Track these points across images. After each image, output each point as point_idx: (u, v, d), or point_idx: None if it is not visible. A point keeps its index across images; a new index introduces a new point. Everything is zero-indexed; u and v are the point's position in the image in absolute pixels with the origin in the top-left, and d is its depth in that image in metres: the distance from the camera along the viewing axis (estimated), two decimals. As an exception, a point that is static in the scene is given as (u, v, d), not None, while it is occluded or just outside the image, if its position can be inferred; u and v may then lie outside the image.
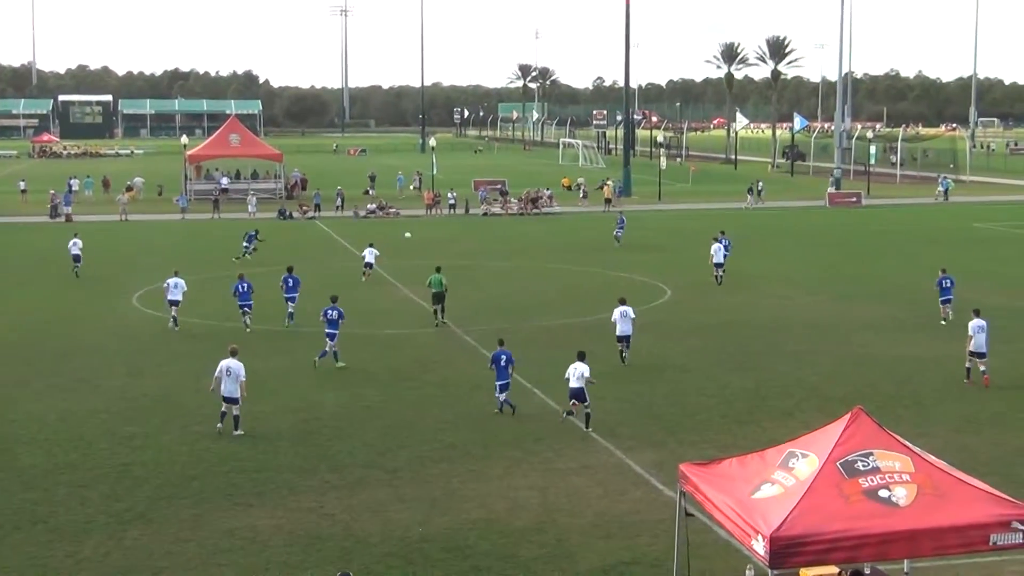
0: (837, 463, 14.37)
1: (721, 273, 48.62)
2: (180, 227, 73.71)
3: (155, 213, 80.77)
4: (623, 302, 33.89)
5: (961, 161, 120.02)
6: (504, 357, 28.19)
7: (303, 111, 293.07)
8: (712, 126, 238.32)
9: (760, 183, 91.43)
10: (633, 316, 33.65)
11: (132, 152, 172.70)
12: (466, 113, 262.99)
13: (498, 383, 28.32)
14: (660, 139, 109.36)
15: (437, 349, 36.11)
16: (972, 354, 31.08)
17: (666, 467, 23.39)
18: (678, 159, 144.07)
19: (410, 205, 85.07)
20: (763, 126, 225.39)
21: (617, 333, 33.63)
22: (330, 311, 33.18)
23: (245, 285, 38.49)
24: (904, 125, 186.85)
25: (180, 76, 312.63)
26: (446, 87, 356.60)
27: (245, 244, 55.95)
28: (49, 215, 76.79)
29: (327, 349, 33.24)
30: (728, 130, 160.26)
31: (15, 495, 22.38)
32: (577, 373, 26.88)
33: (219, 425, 26.48)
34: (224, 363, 26.36)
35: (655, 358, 34.61)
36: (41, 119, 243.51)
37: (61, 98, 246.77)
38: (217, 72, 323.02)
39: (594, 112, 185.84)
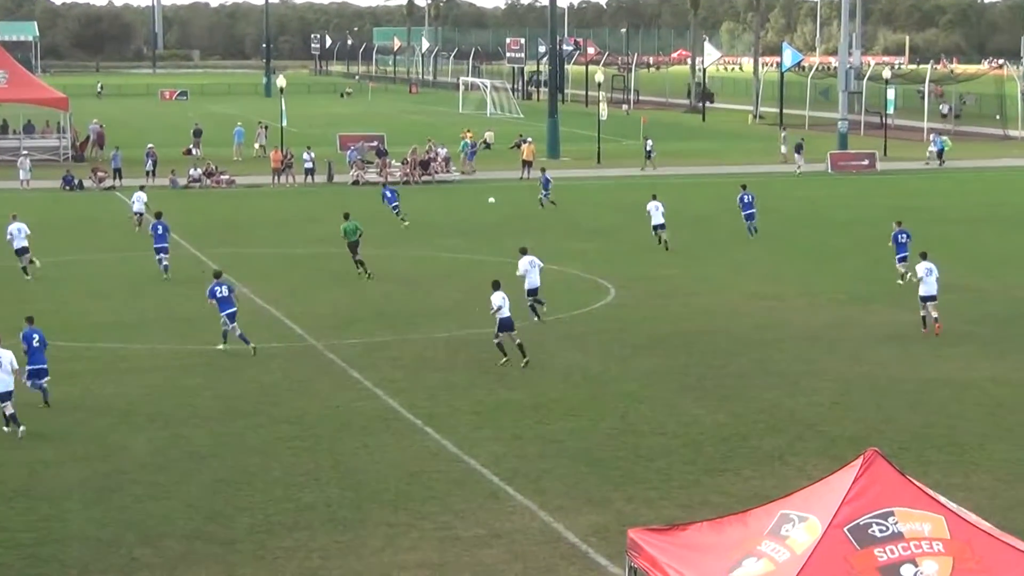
0: (845, 528, 14.55)
1: (665, 238, 53.83)
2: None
3: None
4: (525, 251, 40.69)
5: (1011, 111, 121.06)
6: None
7: (97, 37, 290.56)
8: (671, 61, 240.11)
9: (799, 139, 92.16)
10: (542, 265, 40.23)
11: None
12: (328, 41, 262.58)
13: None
14: (599, 79, 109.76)
15: (289, 372, 36.02)
16: (923, 299, 39.12)
17: (610, 534, 23.49)
18: (624, 106, 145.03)
19: (250, 170, 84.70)
20: (742, 61, 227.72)
21: (527, 287, 39.83)
22: (217, 288, 37.55)
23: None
24: (933, 61, 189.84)
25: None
26: (300, 5, 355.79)
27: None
28: None
29: (228, 328, 37.52)
30: (693, 66, 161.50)
31: None
32: (507, 303, 35.21)
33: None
34: None
35: (594, 383, 34.80)
36: None
37: None
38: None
39: (508, 41, 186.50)
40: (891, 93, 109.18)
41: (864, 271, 50.77)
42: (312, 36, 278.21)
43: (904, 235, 47.01)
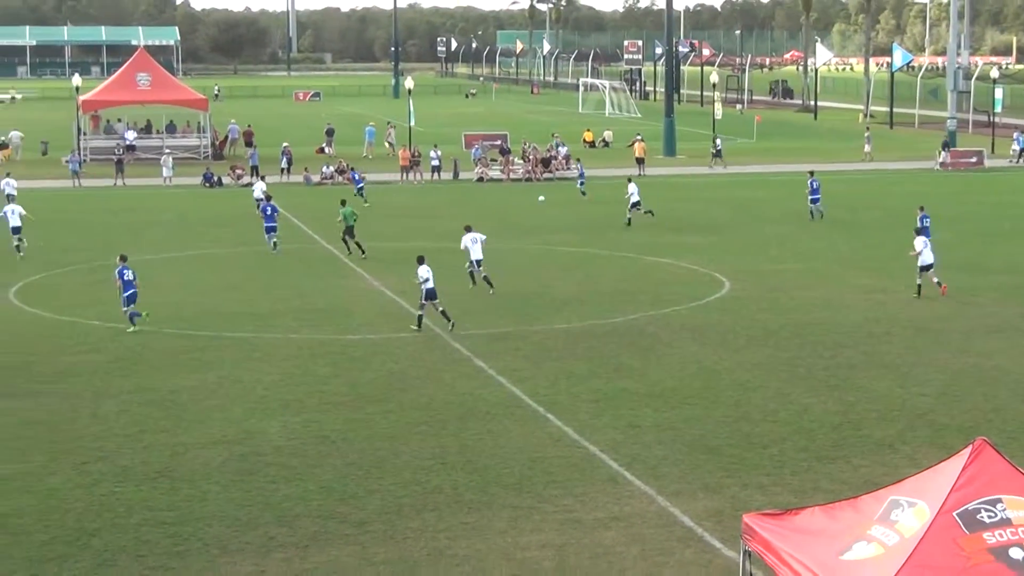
0: (954, 513, 14.40)
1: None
2: (70, 197, 73.84)
3: (37, 179, 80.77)
4: (469, 229, 45.43)
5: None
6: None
7: (235, 42, 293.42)
8: (783, 62, 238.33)
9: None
10: (484, 238, 45.15)
11: (13, 97, 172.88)
12: (454, 44, 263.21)
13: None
14: (714, 79, 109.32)
15: (417, 361, 36.18)
16: (922, 268, 43.69)
17: (725, 518, 23.44)
18: (738, 106, 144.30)
19: (380, 167, 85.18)
20: (852, 61, 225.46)
21: (472, 258, 44.89)
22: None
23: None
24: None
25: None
26: (427, 10, 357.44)
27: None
28: None
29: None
30: (805, 67, 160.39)
31: None
32: (432, 275, 38.30)
33: None
34: None
35: (708, 372, 34.69)
36: None
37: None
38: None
39: (626, 43, 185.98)
40: (999, 92, 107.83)
41: (969, 265, 50.18)
42: (438, 39, 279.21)
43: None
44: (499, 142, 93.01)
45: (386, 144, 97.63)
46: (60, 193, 75.38)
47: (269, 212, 53.27)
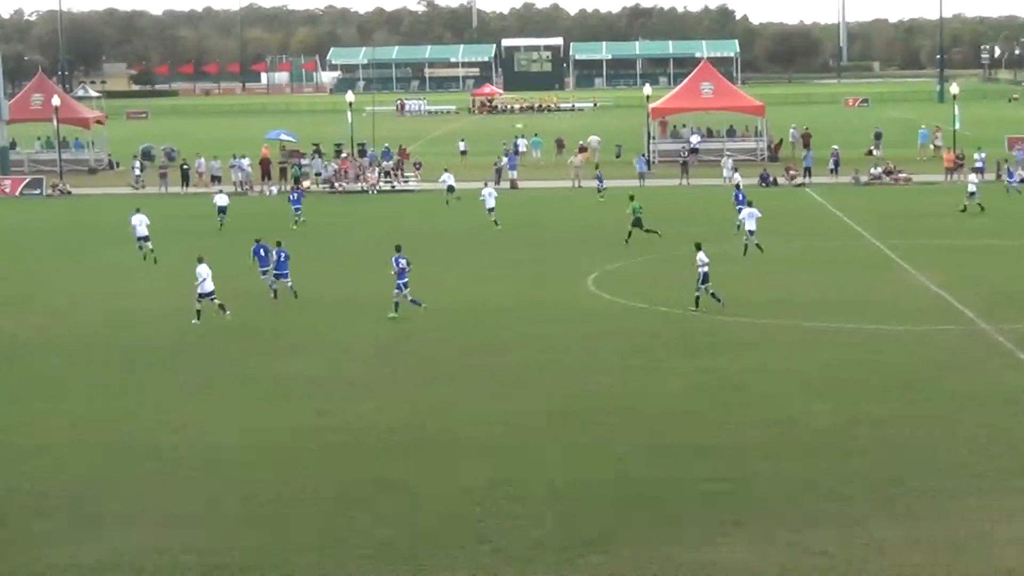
0: None
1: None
2: (639, 195, 75.23)
3: (610, 178, 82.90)
4: (750, 204, 51.18)
5: None
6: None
7: (789, 53, 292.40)
8: None
9: None
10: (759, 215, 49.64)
11: (595, 104, 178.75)
12: (997, 51, 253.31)
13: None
14: None
15: (959, 351, 35.05)
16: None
17: None
18: None
19: (924, 169, 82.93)
20: None
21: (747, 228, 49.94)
22: (399, 259, 40.53)
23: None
24: None
25: (641, 13, 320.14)
26: (971, 19, 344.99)
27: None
28: (495, 181, 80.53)
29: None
30: None
31: (455, 507, 23.65)
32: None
33: None
34: None
35: None
36: (482, 68, 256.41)
37: (505, 43, 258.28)
38: (685, 8, 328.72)
39: None
40: None
41: None
42: (982, 47, 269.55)
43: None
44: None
45: (931, 146, 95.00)
46: (631, 192, 76.92)
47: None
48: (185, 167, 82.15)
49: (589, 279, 46.67)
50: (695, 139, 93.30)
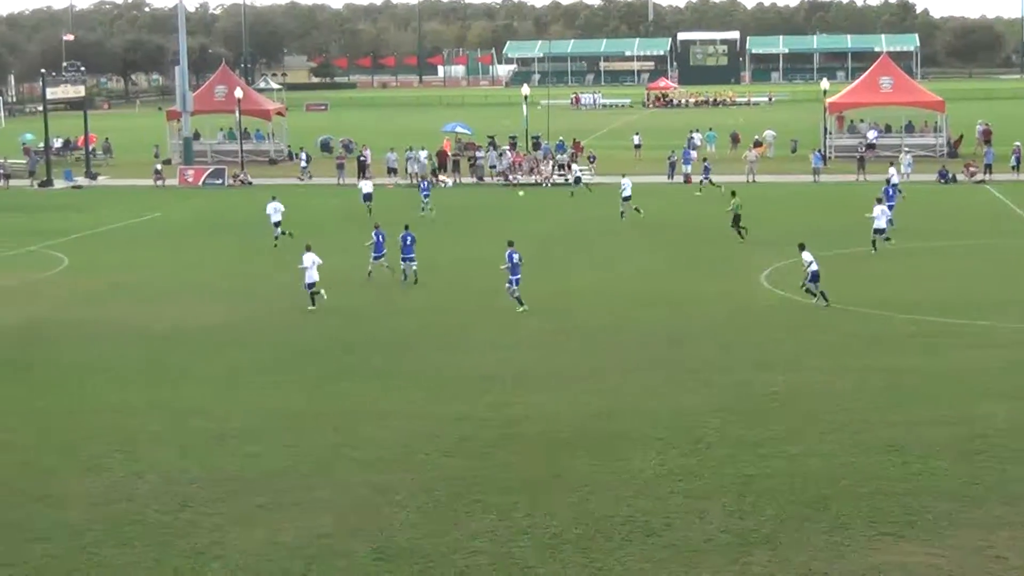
0: None
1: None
2: (810, 191, 74.53)
3: (785, 173, 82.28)
4: (879, 201, 50.44)
5: None
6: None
7: (970, 47, 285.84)
8: None
9: None
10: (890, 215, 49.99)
11: (770, 98, 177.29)
12: None
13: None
14: None
15: None
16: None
17: None
18: None
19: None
20: None
21: (875, 227, 49.42)
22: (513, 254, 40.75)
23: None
24: None
25: (819, 7, 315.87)
26: None
27: None
28: (667, 175, 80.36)
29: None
30: None
31: (625, 501, 23.70)
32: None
33: None
34: None
35: None
36: (657, 62, 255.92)
37: (680, 36, 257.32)
38: (864, 1, 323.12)
39: None
40: None
41: None
42: None
43: None
44: None
45: None
46: (803, 188, 76.28)
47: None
48: (362, 158, 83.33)
49: (762, 275, 46.38)
50: (872, 135, 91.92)
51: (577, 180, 73.98)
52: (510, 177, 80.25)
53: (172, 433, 28.55)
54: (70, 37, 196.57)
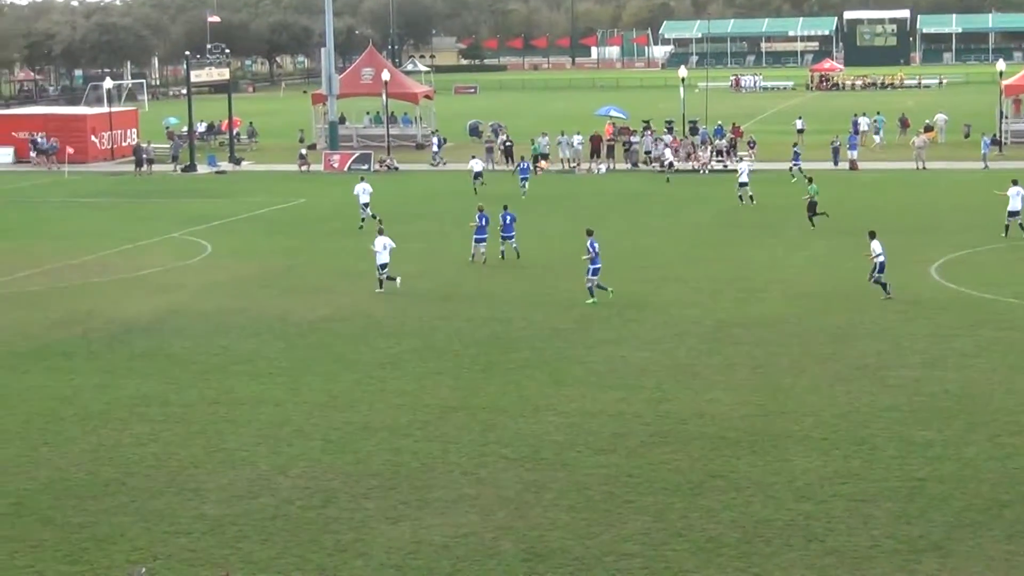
0: None
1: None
2: (980, 179, 73.09)
3: (958, 160, 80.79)
4: (1015, 183, 50.28)
5: None
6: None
7: None
8: None
9: None
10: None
11: (942, 81, 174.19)
12: None
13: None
14: None
15: None
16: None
17: None
18: None
19: None
20: None
21: (1009, 209, 49.94)
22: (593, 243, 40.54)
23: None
24: None
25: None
26: None
27: None
28: (832, 161, 79.32)
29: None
30: None
31: (787, 504, 23.46)
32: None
33: None
34: None
35: None
36: (822, 42, 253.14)
37: (847, 15, 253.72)
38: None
39: None
40: None
41: None
42: None
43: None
44: None
45: None
46: (974, 176, 74.81)
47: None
48: (509, 143, 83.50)
49: (932, 267, 45.63)
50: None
51: (670, 166, 75.89)
52: (664, 164, 79.60)
53: (315, 426, 28.90)
54: (215, 19, 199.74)
